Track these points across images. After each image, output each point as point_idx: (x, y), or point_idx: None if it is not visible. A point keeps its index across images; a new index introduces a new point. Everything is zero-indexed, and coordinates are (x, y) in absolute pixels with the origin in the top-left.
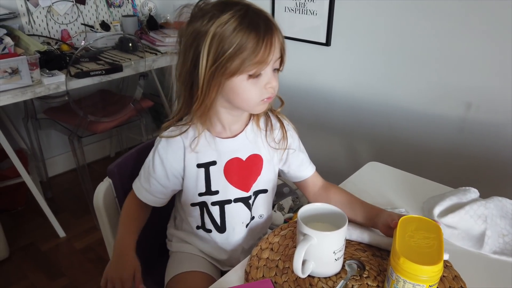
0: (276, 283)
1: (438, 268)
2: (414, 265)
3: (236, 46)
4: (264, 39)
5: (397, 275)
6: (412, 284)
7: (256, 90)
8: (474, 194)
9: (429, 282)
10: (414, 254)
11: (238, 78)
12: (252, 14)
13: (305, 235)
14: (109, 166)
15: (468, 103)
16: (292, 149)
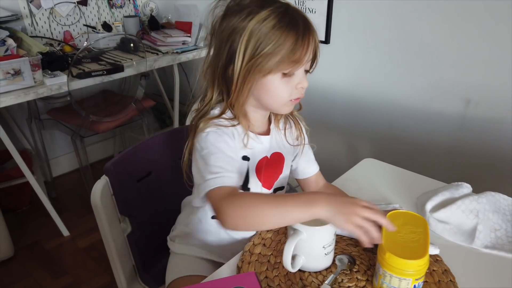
0: (267, 278)
1: (423, 262)
2: (400, 259)
3: (275, 44)
4: (303, 38)
5: (384, 270)
6: (398, 279)
7: (287, 89)
8: (466, 189)
9: (415, 276)
10: (400, 248)
11: (273, 76)
12: (292, 13)
13: (295, 230)
14: (106, 164)
15: (468, 100)
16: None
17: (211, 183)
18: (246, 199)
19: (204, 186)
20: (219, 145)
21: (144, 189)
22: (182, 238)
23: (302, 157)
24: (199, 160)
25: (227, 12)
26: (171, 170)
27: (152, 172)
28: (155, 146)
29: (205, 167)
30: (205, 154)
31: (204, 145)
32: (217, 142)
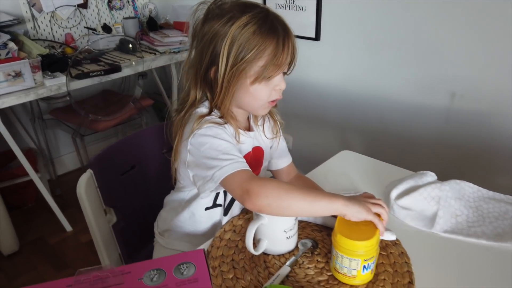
0: (233, 260)
1: (371, 243)
2: (349, 241)
3: (257, 50)
4: (283, 43)
5: (336, 251)
6: (348, 259)
7: (267, 91)
8: (430, 177)
9: (364, 256)
10: (351, 231)
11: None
12: (272, 18)
13: (257, 215)
14: (90, 158)
15: (452, 93)
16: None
17: (229, 168)
18: (278, 183)
19: (222, 172)
20: (223, 136)
21: (128, 182)
22: (172, 232)
23: (277, 149)
24: (200, 158)
25: (208, 15)
26: (154, 164)
27: (135, 166)
28: (138, 141)
29: (211, 160)
30: (208, 147)
31: (204, 141)
32: (219, 135)
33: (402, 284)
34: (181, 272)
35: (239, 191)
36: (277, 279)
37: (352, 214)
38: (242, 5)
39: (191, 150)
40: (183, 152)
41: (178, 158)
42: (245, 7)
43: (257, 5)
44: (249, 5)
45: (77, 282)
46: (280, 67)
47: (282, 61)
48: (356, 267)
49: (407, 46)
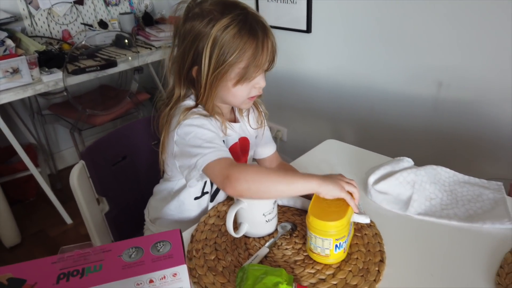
0: (216, 243)
1: (341, 224)
2: (320, 221)
3: (238, 53)
4: (263, 44)
5: (310, 232)
6: (321, 239)
7: (247, 89)
8: (407, 163)
9: (335, 236)
10: (323, 213)
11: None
12: (251, 20)
13: (237, 200)
14: (82, 150)
15: (440, 82)
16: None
17: (211, 156)
18: (257, 168)
19: (204, 160)
20: (208, 127)
21: (119, 172)
22: (163, 220)
23: (262, 139)
24: (186, 147)
25: (189, 14)
26: (144, 155)
27: (126, 157)
28: (128, 133)
29: (195, 149)
30: (193, 136)
31: (190, 130)
32: (204, 125)
33: (374, 262)
34: (158, 249)
35: (220, 177)
36: (256, 259)
37: (326, 192)
38: (221, 4)
39: (177, 141)
40: (170, 144)
41: (166, 150)
42: (225, 7)
43: (236, 4)
44: (229, 4)
45: (61, 259)
46: (260, 68)
47: (261, 62)
48: (328, 247)
49: (395, 37)
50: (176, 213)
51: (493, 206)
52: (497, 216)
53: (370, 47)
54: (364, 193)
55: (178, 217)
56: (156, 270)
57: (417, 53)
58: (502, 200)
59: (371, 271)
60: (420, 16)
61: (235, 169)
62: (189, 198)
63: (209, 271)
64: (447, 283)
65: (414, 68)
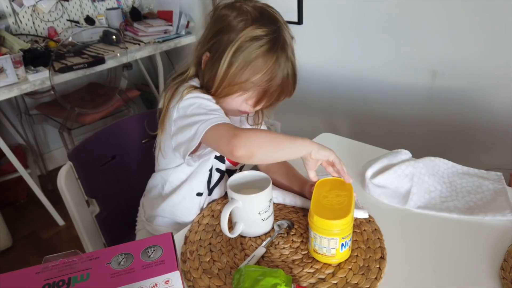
0: (211, 244)
1: (347, 221)
2: (325, 221)
3: (262, 76)
4: (285, 72)
5: (314, 233)
6: (326, 239)
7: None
8: (405, 155)
9: (341, 234)
10: (326, 211)
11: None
12: (282, 43)
13: (232, 199)
14: (68, 151)
15: (434, 71)
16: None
17: (214, 121)
18: (262, 132)
19: (206, 124)
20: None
21: (109, 172)
22: (161, 218)
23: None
24: (186, 119)
25: (232, 3)
26: (134, 154)
27: (116, 156)
28: (117, 131)
29: (198, 116)
30: (196, 107)
31: (192, 101)
32: (207, 101)
33: (374, 259)
34: (148, 255)
35: (227, 137)
36: (252, 259)
37: (317, 151)
38: (260, 11)
39: (176, 118)
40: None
41: (164, 130)
42: (262, 16)
43: (273, 19)
44: (266, 15)
45: (46, 269)
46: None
47: (274, 94)
48: (334, 246)
49: (388, 27)
50: (175, 210)
51: (493, 197)
52: (498, 208)
53: (362, 37)
54: (362, 187)
55: (178, 215)
56: (147, 278)
57: (410, 42)
58: (502, 191)
59: (372, 268)
60: (413, 4)
61: (244, 133)
62: (191, 194)
63: (204, 274)
64: (450, 279)
65: (407, 57)
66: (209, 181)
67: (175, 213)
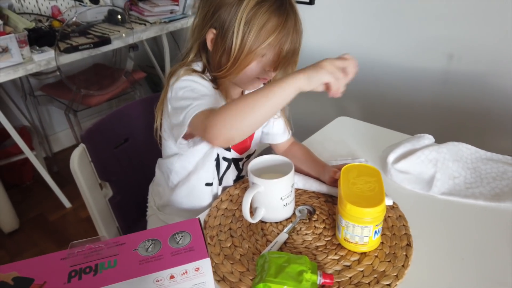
0: (231, 229)
1: (381, 209)
2: (360, 209)
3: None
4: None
5: (346, 221)
6: (360, 227)
7: (258, 68)
8: (428, 140)
9: (374, 222)
10: (358, 199)
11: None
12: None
13: (253, 184)
14: (81, 133)
15: (450, 55)
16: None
17: (198, 108)
18: (230, 102)
19: (191, 112)
20: (204, 84)
21: (122, 155)
22: (173, 208)
23: (275, 125)
24: (178, 101)
25: None
26: (147, 136)
27: (128, 139)
28: (129, 114)
29: (185, 101)
30: (186, 90)
31: (184, 84)
32: (201, 86)
33: (400, 246)
34: (177, 241)
35: (201, 131)
36: (275, 245)
37: (307, 82)
38: None
39: (171, 97)
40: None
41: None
42: None
43: None
44: None
45: (71, 254)
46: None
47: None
48: (368, 234)
49: (404, 8)
50: (186, 200)
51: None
52: None
53: (376, 18)
54: (383, 173)
55: (188, 205)
56: (177, 265)
57: (426, 23)
58: None
59: (398, 256)
60: None
61: (211, 116)
62: (200, 184)
63: (226, 259)
64: (479, 267)
65: (423, 39)
66: (218, 171)
67: (186, 203)
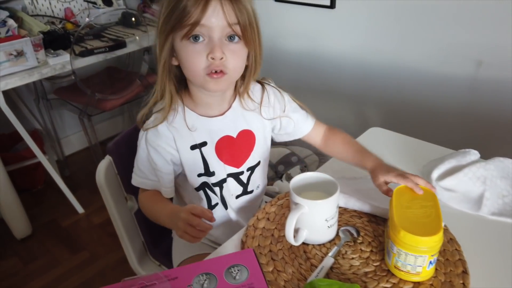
0: (271, 251)
1: (439, 238)
2: (415, 237)
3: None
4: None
5: (398, 249)
6: (414, 256)
7: (200, 58)
8: (474, 156)
9: (430, 252)
10: (413, 225)
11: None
12: None
13: (296, 204)
14: (108, 144)
15: (479, 61)
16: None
17: (134, 181)
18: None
19: (134, 177)
20: (157, 161)
21: None
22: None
23: (287, 125)
24: (139, 154)
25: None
26: None
27: None
28: None
29: (141, 166)
30: (137, 152)
31: (146, 151)
32: (155, 157)
33: (456, 274)
34: (233, 276)
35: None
36: (322, 271)
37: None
38: None
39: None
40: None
41: None
42: None
43: None
44: None
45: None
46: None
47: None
48: (422, 264)
49: (430, 12)
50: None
51: None
52: None
53: (400, 22)
54: None
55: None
56: None
57: (453, 29)
58: None
59: (455, 284)
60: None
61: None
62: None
63: (270, 286)
64: None
65: (450, 45)
66: (209, 200)
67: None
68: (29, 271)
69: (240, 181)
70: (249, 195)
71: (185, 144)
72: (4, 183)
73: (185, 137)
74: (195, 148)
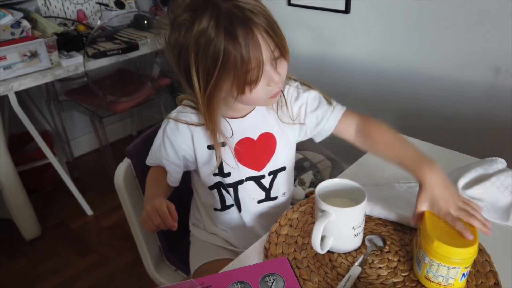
0: (295, 259)
1: (474, 250)
2: (450, 248)
3: (221, 62)
4: (247, 43)
5: (431, 259)
6: (447, 268)
7: (261, 91)
8: (501, 164)
9: (464, 264)
10: (446, 236)
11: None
12: (225, 17)
13: (323, 211)
14: (128, 147)
15: (497, 68)
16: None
17: (148, 161)
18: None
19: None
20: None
21: None
22: (207, 225)
23: (309, 124)
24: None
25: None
26: None
27: None
28: None
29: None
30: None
31: (161, 139)
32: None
33: (488, 286)
34: (269, 285)
35: None
36: (349, 281)
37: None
38: (191, 8)
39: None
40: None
41: None
42: (195, 13)
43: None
44: (198, 6)
45: None
46: (258, 67)
47: (258, 59)
48: (454, 276)
49: (446, 17)
50: (209, 223)
51: None
52: None
53: (415, 28)
54: None
55: (212, 230)
56: None
57: (471, 35)
58: None
59: None
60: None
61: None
62: (210, 209)
63: None
64: None
65: (466, 51)
66: (222, 200)
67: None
68: (38, 272)
69: (261, 185)
70: (273, 201)
71: (203, 143)
72: (15, 184)
73: (204, 136)
74: (212, 148)
